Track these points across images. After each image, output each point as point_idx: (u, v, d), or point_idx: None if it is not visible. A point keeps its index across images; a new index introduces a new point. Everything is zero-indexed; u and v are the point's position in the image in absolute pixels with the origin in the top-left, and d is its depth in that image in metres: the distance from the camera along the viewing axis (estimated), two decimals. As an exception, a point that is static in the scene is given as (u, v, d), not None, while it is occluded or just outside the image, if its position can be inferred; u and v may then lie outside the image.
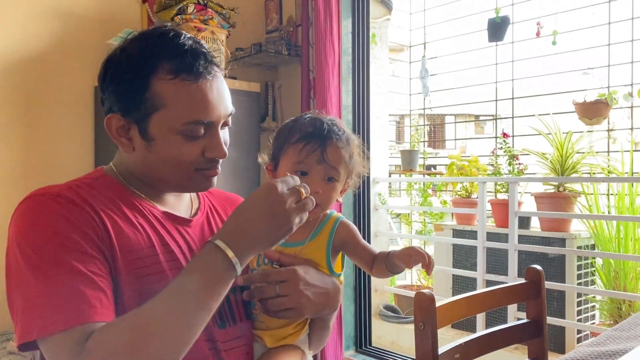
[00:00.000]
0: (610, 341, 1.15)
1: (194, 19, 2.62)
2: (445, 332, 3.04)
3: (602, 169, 2.99)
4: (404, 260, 1.00)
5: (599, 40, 3.09)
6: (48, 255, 0.81)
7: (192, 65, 0.91)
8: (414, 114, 4.36)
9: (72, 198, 0.88)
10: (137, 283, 0.87)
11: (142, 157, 0.96)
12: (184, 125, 0.91)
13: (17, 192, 2.48)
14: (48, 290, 0.78)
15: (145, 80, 0.90)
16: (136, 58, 0.92)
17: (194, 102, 0.91)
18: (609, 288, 2.79)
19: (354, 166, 1.06)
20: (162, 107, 0.90)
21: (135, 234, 0.91)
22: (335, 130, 1.03)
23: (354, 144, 1.06)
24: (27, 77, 2.57)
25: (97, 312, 0.78)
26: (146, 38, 0.95)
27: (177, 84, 0.90)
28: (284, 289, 0.97)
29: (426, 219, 4.08)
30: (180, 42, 0.93)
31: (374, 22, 3.41)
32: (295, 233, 1.02)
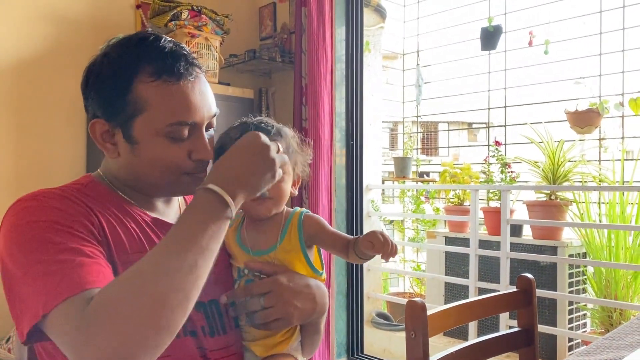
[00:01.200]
0: (600, 350, 1.15)
1: (188, 25, 2.62)
2: (437, 340, 3.04)
3: (593, 177, 3.00)
4: (367, 247, 0.98)
5: (591, 50, 3.11)
6: (44, 240, 0.79)
7: (173, 66, 0.91)
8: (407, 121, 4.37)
9: (67, 196, 0.88)
10: None
11: (128, 161, 0.95)
12: (168, 127, 0.91)
13: (9, 197, 2.46)
14: (47, 270, 0.76)
15: (127, 84, 0.90)
16: (117, 62, 0.92)
17: (177, 103, 0.91)
18: (600, 296, 2.80)
19: (295, 155, 1.06)
20: (145, 110, 0.90)
21: (127, 236, 0.91)
22: (262, 127, 1.03)
23: (287, 135, 1.06)
24: (19, 82, 2.55)
25: (98, 280, 0.76)
26: (126, 43, 0.95)
27: (159, 85, 0.90)
28: (269, 300, 0.96)
29: (419, 226, 4.09)
30: (161, 45, 0.93)
31: (368, 30, 3.43)
32: (263, 240, 1.03)
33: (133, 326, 0.68)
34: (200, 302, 0.96)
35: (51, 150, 2.65)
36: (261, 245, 1.03)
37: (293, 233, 1.03)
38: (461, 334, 3.05)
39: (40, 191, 0.89)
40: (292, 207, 1.08)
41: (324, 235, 1.05)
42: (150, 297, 0.70)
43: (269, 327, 0.97)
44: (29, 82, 2.58)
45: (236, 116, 1.19)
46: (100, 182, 0.99)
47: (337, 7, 2.88)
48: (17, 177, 2.53)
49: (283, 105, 3.12)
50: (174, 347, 0.85)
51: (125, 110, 0.91)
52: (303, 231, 1.03)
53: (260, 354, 1.02)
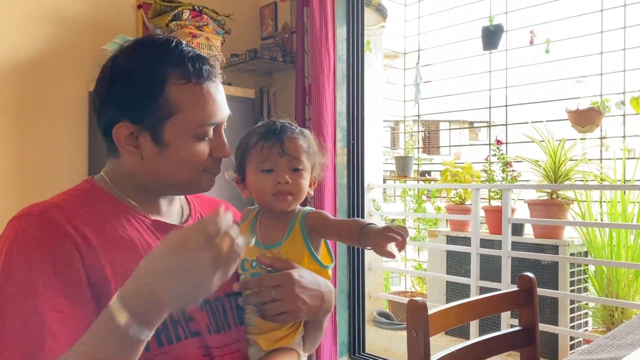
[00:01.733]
0: (601, 349, 1.16)
1: (189, 25, 2.62)
2: (438, 338, 3.04)
3: (594, 176, 3.01)
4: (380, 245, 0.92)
5: (592, 48, 3.11)
6: (16, 285, 0.81)
7: (201, 69, 0.95)
8: (408, 120, 4.37)
9: (55, 218, 0.87)
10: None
11: (152, 163, 0.96)
12: (199, 128, 0.95)
13: (11, 199, 2.47)
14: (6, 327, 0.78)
15: (159, 87, 0.92)
16: (146, 65, 0.94)
17: (207, 104, 0.95)
18: (601, 295, 2.80)
19: (315, 157, 1.10)
20: (178, 112, 0.93)
21: (123, 246, 0.91)
22: (288, 127, 1.08)
23: (309, 137, 1.10)
24: (21, 82, 2.56)
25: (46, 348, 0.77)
26: (150, 46, 0.97)
27: (190, 88, 0.94)
28: (279, 293, 0.97)
29: (420, 225, 4.09)
30: (184, 49, 0.97)
31: (369, 29, 3.43)
32: (272, 235, 1.06)
33: None
34: (205, 300, 0.97)
35: (53, 151, 2.65)
36: (269, 240, 1.06)
37: (297, 230, 1.06)
38: (462, 333, 3.06)
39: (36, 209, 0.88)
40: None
41: (324, 224, 1.06)
42: None
43: (277, 319, 0.99)
44: (31, 83, 2.59)
45: (238, 116, 1.22)
46: (102, 186, 0.99)
47: (338, 7, 2.88)
48: (19, 177, 2.54)
49: (284, 105, 3.13)
50: (175, 350, 0.86)
51: (156, 113, 0.93)
52: (305, 225, 1.06)
53: (265, 347, 1.04)
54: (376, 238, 0.94)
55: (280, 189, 1.03)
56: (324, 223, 1.06)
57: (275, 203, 1.05)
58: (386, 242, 0.91)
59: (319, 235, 1.07)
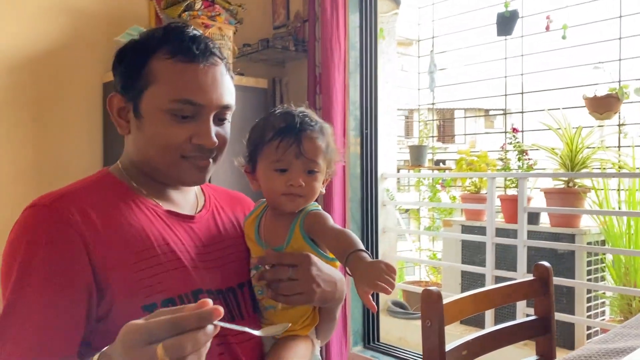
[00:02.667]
0: (618, 338, 1.14)
1: (202, 15, 2.62)
2: (453, 328, 3.03)
3: (612, 164, 2.96)
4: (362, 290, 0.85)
5: (610, 33, 3.05)
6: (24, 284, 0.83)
7: (190, 48, 0.93)
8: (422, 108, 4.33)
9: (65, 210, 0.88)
10: (137, 285, 0.88)
11: (136, 138, 0.98)
12: (171, 103, 0.92)
13: (28, 190, 2.51)
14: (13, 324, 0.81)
15: (144, 59, 0.94)
16: (141, 42, 0.97)
17: (184, 81, 0.93)
18: (619, 284, 2.77)
19: (332, 155, 1.05)
20: (154, 83, 0.93)
21: (133, 235, 0.91)
22: (308, 122, 1.01)
23: (328, 133, 1.05)
24: (36, 75, 2.58)
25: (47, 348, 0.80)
26: (155, 28, 1.01)
27: (172, 63, 0.93)
28: (295, 272, 0.97)
29: (435, 214, 4.07)
30: (185, 30, 0.96)
31: (382, 17, 3.40)
32: (275, 237, 1.03)
33: None
34: (218, 290, 0.97)
35: (68, 143, 2.68)
36: (273, 242, 1.04)
37: (297, 233, 1.02)
38: (478, 322, 3.04)
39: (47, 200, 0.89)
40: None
41: (320, 230, 1.00)
42: None
43: (290, 300, 0.98)
44: (45, 75, 2.61)
45: (250, 106, 1.20)
46: (116, 175, 1.00)
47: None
48: (36, 167, 2.57)
49: (296, 95, 3.12)
50: None
51: (137, 83, 0.94)
52: (304, 229, 1.02)
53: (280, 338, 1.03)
54: (362, 279, 0.85)
55: (292, 191, 0.99)
56: (319, 229, 1.01)
57: (284, 203, 1.01)
58: (370, 289, 0.84)
59: (315, 238, 1.03)
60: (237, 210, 1.15)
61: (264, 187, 1.03)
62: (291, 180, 0.99)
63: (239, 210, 1.16)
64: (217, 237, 1.05)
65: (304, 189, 0.99)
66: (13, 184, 2.50)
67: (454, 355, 1.17)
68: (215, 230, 1.05)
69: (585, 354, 1.05)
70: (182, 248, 0.96)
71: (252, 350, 1.01)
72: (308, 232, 1.02)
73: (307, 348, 1.04)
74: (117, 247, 0.88)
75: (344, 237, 0.95)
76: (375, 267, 0.83)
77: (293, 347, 1.02)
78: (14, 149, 2.52)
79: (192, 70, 0.93)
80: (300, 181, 0.99)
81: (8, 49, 2.50)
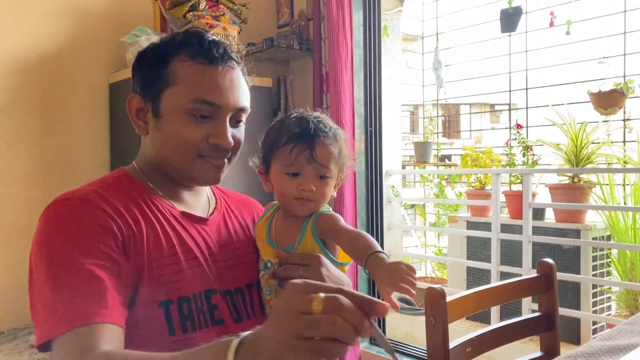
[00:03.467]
0: (622, 335, 1.15)
1: (206, 15, 2.64)
2: (459, 324, 3.05)
3: (617, 159, 2.96)
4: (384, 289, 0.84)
5: (615, 28, 3.04)
6: (63, 258, 0.83)
7: (210, 50, 0.97)
8: (427, 104, 4.34)
9: (95, 201, 0.90)
10: (156, 282, 0.90)
11: (153, 137, 1.00)
12: (190, 103, 0.95)
13: (35, 191, 2.53)
14: (58, 292, 0.81)
15: (165, 60, 0.97)
16: (163, 45, 1.00)
17: (203, 81, 0.96)
18: (624, 279, 2.77)
19: (344, 161, 1.06)
20: (174, 84, 0.96)
21: (157, 234, 0.94)
22: (322, 128, 1.03)
23: (341, 139, 1.06)
24: (42, 76, 2.60)
25: (102, 314, 0.79)
26: (177, 33, 1.03)
27: (192, 65, 0.96)
28: (306, 272, 0.99)
29: (440, 210, 4.08)
30: (205, 35, 1.00)
31: (386, 14, 3.40)
32: (287, 238, 1.04)
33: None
34: (226, 290, 0.99)
35: (75, 142, 2.70)
36: (284, 242, 1.05)
37: (308, 235, 1.04)
38: (483, 318, 3.05)
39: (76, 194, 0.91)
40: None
41: (333, 231, 1.01)
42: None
43: None
44: (52, 76, 2.63)
45: (255, 105, 1.20)
46: (133, 175, 1.02)
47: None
48: (43, 168, 2.59)
49: (302, 93, 3.13)
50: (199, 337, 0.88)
51: (157, 84, 0.97)
52: (316, 230, 1.03)
53: None
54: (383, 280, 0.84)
55: (303, 195, 1.01)
56: (333, 230, 1.02)
57: (295, 207, 1.03)
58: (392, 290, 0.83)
59: (329, 240, 1.05)
60: (245, 214, 1.17)
61: (276, 189, 1.06)
62: (303, 184, 1.01)
63: (247, 214, 1.18)
64: (227, 239, 1.07)
65: (314, 193, 1.01)
66: (20, 185, 2.53)
67: (458, 352, 1.19)
68: (226, 233, 1.07)
69: (588, 350, 1.06)
70: (197, 249, 0.98)
71: None
72: (320, 234, 1.03)
73: None
74: (142, 243, 0.91)
75: (360, 239, 0.95)
76: (396, 268, 0.83)
77: None
78: (22, 150, 2.55)
79: (211, 72, 0.96)
80: (312, 186, 1.01)
81: (15, 51, 2.52)
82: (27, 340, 2.27)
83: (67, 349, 0.76)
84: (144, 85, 0.99)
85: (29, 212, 2.45)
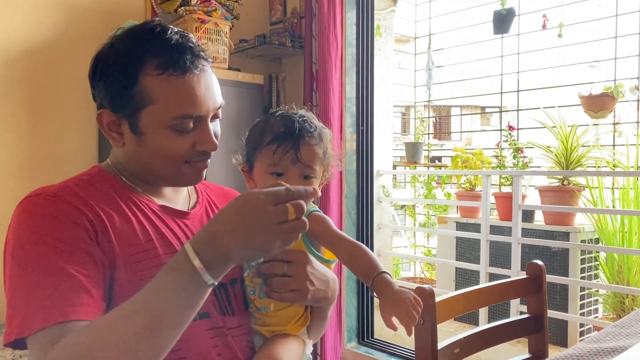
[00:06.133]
0: (610, 338, 1.15)
1: (198, 10, 2.61)
2: (447, 325, 3.05)
3: (607, 162, 2.97)
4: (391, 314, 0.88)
5: (606, 32, 3.06)
6: (36, 256, 0.82)
7: (179, 60, 0.91)
8: (419, 105, 4.34)
9: (67, 197, 0.89)
10: (135, 277, 0.88)
11: (133, 151, 0.97)
12: (173, 120, 0.92)
13: (22, 185, 2.50)
14: (31, 291, 0.79)
15: (134, 77, 0.91)
16: (124, 54, 0.93)
17: (182, 97, 0.92)
18: (612, 282, 2.78)
19: (329, 161, 1.05)
20: (151, 103, 0.92)
21: (133, 228, 0.92)
22: (307, 128, 1.01)
23: (327, 139, 1.05)
24: (30, 69, 2.57)
25: (77, 311, 0.78)
26: (133, 34, 0.95)
27: (165, 79, 0.91)
28: (291, 269, 0.98)
29: (430, 211, 4.08)
30: (167, 37, 0.93)
31: (379, 14, 3.40)
32: None
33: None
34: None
35: (63, 137, 2.67)
36: None
37: None
38: (472, 319, 3.06)
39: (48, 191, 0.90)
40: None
41: (325, 236, 1.00)
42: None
43: (283, 297, 0.98)
44: (40, 69, 2.60)
45: (246, 102, 1.19)
46: (109, 171, 1.00)
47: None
48: (30, 163, 2.56)
49: (293, 91, 3.12)
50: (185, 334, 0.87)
51: (131, 103, 0.92)
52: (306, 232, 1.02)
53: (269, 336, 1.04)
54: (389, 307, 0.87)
55: None
56: (324, 234, 0.99)
57: None
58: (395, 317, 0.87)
59: (320, 243, 1.03)
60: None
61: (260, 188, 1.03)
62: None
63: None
64: None
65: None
66: (8, 179, 2.50)
67: (446, 353, 1.18)
68: None
69: (576, 353, 1.06)
70: (177, 242, 0.96)
71: (246, 343, 1.01)
72: (309, 235, 1.02)
73: (298, 347, 1.04)
74: (118, 238, 0.89)
75: (360, 255, 0.95)
76: (404, 298, 0.86)
77: (283, 344, 1.02)
78: (9, 144, 2.52)
79: (186, 85, 0.92)
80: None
81: (3, 43, 2.48)
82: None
83: (40, 345, 0.76)
84: (113, 102, 0.94)
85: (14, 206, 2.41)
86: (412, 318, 0.85)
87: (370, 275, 0.92)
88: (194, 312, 0.77)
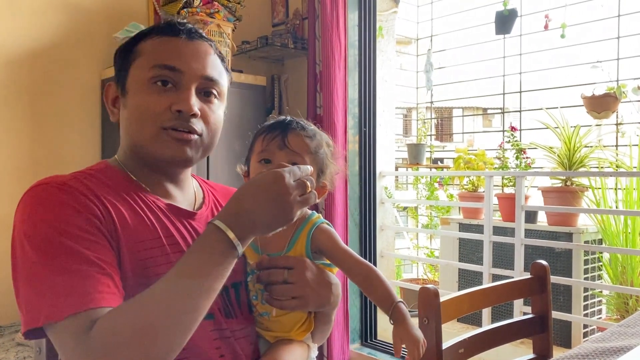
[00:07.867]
0: (615, 337, 1.15)
1: (200, 12, 2.62)
2: (450, 326, 3.04)
3: (610, 163, 2.96)
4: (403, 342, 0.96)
5: (608, 33, 3.05)
6: (54, 242, 0.80)
7: (175, 26, 0.99)
8: (421, 107, 4.34)
9: (76, 187, 0.88)
10: (143, 272, 0.88)
11: (122, 119, 1.00)
12: (151, 70, 0.95)
13: (24, 187, 2.49)
14: (55, 277, 0.78)
15: (134, 44, 0.99)
16: (138, 33, 1.02)
17: (165, 50, 0.97)
18: (616, 283, 2.78)
19: (325, 161, 1.04)
20: (138, 57, 0.97)
21: (140, 223, 0.91)
22: (299, 122, 1.04)
23: (322, 139, 1.05)
24: (34, 70, 2.58)
25: (105, 298, 0.78)
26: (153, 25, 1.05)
27: (156, 39, 0.98)
28: (291, 276, 0.97)
29: (432, 212, 4.07)
30: (178, 21, 1.00)
31: (381, 15, 3.40)
32: (273, 243, 1.01)
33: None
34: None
35: (66, 138, 2.68)
36: (270, 248, 1.02)
37: (300, 243, 1.01)
38: (475, 320, 3.05)
39: (56, 180, 0.89)
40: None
41: (333, 252, 1.01)
42: (152, 336, 0.74)
43: (284, 305, 0.97)
44: (44, 71, 2.61)
45: (249, 103, 1.20)
46: (116, 167, 1.00)
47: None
48: (33, 164, 2.57)
49: (296, 92, 3.12)
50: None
51: (125, 64, 0.98)
52: (311, 244, 1.01)
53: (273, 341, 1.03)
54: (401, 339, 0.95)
55: None
56: (332, 250, 1.01)
57: None
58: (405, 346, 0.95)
59: (326, 257, 1.03)
60: None
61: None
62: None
63: None
64: None
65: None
66: (11, 179, 2.50)
67: (451, 353, 1.18)
68: None
69: (581, 352, 1.05)
70: (183, 242, 0.96)
71: (250, 346, 1.01)
72: (315, 246, 1.01)
73: (302, 352, 1.04)
74: (126, 233, 0.88)
75: (377, 282, 1.00)
76: (417, 339, 0.95)
77: (287, 351, 1.01)
78: (12, 144, 2.52)
79: (173, 42, 0.97)
80: None
81: (7, 45, 2.49)
82: (12, 338, 2.24)
83: (70, 332, 0.75)
84: (117, 73, 1.01)
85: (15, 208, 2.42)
86: (418, 356, 0.94)
87: (389, 304, 0.98)
88: (222, 283, 0.82)
